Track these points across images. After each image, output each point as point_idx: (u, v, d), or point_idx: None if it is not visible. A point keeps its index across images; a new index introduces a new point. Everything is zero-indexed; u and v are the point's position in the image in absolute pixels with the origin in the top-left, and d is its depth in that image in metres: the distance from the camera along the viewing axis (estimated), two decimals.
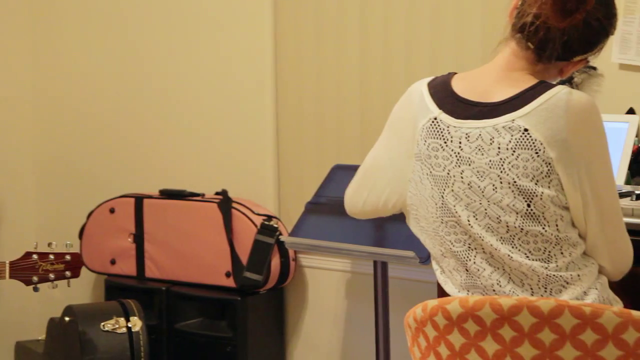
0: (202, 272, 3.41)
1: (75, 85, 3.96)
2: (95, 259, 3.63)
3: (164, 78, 3.72)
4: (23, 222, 4.02)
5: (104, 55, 3.86)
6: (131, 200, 3.57)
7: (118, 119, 3.85)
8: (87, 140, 3.93)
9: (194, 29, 3.63)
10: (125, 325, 3.16)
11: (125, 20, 3.80)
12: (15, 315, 3.90)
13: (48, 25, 4.00)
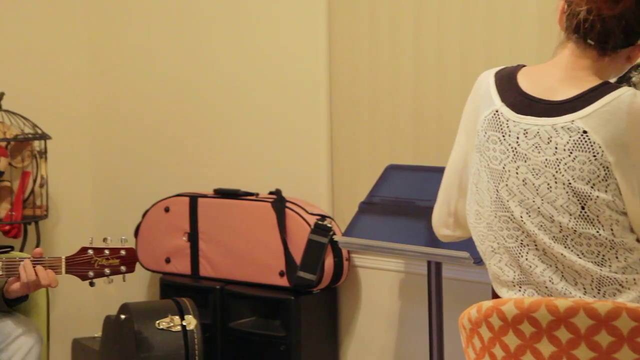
0: (256, 271, 3.42)
1: (132, 84, 4.00)
2: (150, 257, 3.67)
3: (220, 78, 3.74)
4: (80, 221, 4.07)
5: (160, 55, 3.90)
6: (186, 199, 3.60)
7: (174, 118, 3.88)
8: (143, 139, 3.97)
9: (249, 29, 3.64)
10: (180, 323, 3.18)
11: (181, 20, 3.83)
12: (72, 313, 3.95)
13: (105, 24, 4.05)
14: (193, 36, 3.80)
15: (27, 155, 3.68)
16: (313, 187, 3.50)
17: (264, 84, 3.61)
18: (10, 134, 3.59)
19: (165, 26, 3.88)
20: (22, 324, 2.69)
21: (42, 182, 3.71)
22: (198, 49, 3.79)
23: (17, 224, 3.69)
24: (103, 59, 4.06)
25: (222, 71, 3.72)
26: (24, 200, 3.69)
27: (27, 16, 3.90)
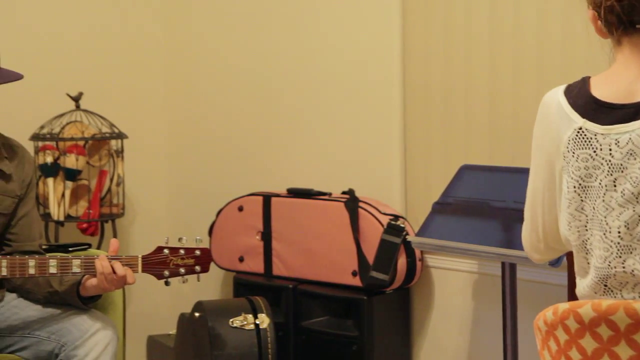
0: (329, 270, 3.43)
1: (207, 85, 4.03)
2: (224, 256, 3.69)
3: (294, 78, 3.75)
4: (155, 219, 4.13)
5: (235, 55, 3.93)
6: (259, 198, 3.62)
7: (249, 118, 3.90)
8: (218, 139, 4.00)
9: (322, 28, 3.65)
10: (253, 322, 3.20)
11: (254, 21, 3.85)
12: (147, 310, 4.00)
13: (181, 24, 4.09)
14: (266, 36, 3.82)
15: (104, 154, 3.73)
16: (386, 187, 3.49)
17: (338, 84, 3.61)
18: (88, 133, 3.65)
19: (239, 26, 3.91)
20: (99, 320, 2.73)
21: (118, 181, 3.76)
22: (271, 48, 3.81)
23: (95, 222, 3.75)
24: (179, 60, 4.11)
25: (296, 71, 3.74)
26: (101, 198, 3.75)
27: (104, 18, 3.96)
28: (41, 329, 2.75)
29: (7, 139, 2.86)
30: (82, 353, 2.68)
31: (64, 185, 3.65)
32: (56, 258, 2.64)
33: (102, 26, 3.95)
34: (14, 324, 2.78)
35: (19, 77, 2.71)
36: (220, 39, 3.97)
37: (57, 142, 3.63)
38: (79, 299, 2.72)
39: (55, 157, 3.63)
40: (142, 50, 4.07)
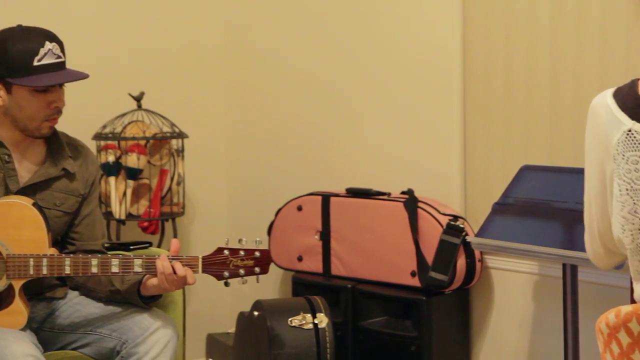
0: (388, 270, 3.42)
1: (266, 85, 4.05)
2: (283, 255, 3.71)
3: (352, 77, 3.75)
4: (214, 218, 4.15)
5: (294, 55, 3.94)
6: (318, 198, 3.62)
7: (306, 117, 3.91)
8: (277, 138, 4.02)
9: (382, 27, 3.64)
10: (311, 321, 3.21)
11: (314, 20, 3.86)
12: (207, 309, 4.03)
13: (241, 25, 4.12)
14: (325, 36, 3.82)
15: (165, 154, 3.77)
16: (445, 187, 3.47)
17: (397, 83, 3.60)
18: (149, 132, 3.68)
19: (298, 27, 3.92)
20: (160, 318, 2.75)
21: (179, 180, 3.80)
22: (330, 48, 3.81)
23: (155, 221, 3.78)
24: (239, 60, 4.13)
25: (356, 71, 3.73)
26: (161, 197, 3.79)
27: (167, 19, 4.00)
28: (103, 326, 2.78)
29: (72, 139, 2.91)
30: (143, 350, 2.70)
31: (125, 184, 3.70)
32: (118, 257, 2.66)
33: (164, 27, 3.99)
34: (76, 321, 2.82)
35: (85, 76, 2.74)
36: (280, 40, 3.98)
37: (119, 142, 3.68)
38: (139, 299, 2.74)
39: (117, 156, 3.67)
40: (203, 50, 4.10)
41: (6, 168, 2.73)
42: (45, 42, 2.68)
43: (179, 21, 4.03)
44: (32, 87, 2.67)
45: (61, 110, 2.75)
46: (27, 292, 2.71)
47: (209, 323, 4.00)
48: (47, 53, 2.68)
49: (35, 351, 2.57)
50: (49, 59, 2.68)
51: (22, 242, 2.64)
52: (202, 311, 4.01)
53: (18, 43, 2.67)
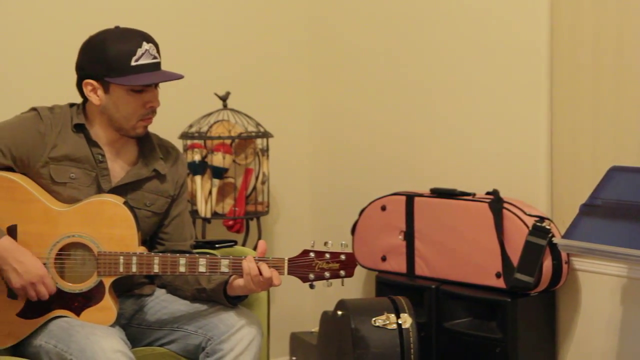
0: (472, 271, 3.40)
1: (350, 84, 4.06)
2: (366, 255, 3.71)
3: (436, 76, 3.73)
4: (298, 217, 4.18)
5: (378, 54, 3.93)
6: (402, 198, 3.61)
7: (391, 117, 3.90)
8: (361, 138, 4.02)
9: (467, 26, 3.62)
10: (395, 321, 3.20)
11: (397, 20, 3.85)
12: (291, 308, 4.05)
13: (324, 25, 4.13)
14: (410, 35, 3.81)
15: (250, 153, 3.80)
16: (531, 188, 3.43)
17: (482, 82, 3.58)
18: (234, 132, 3.72)
19: (382, 26, 3.92)
20: (245, 316, 2.78)
21: (263, 179, 3.82)
22: (414, 47, 3.80)
23: (240, 220, 3.82)
24: (323, 60, 4.14)
25: (439, 69, 3.72)
26: (246, 196, 3.82)
27: (251, 19, 4.03)
28: (189, 323, 2.81)
29: (163, 140, 2.95)
30: (228, 347, 2.73)
31: (211, 183, 3.74)
32: (206, 257, 2.70)
33: (249, 27, 4.02)
34: (163, 318, 2.86)
35: (180, 77, 2.78)
36: (364, 39, 3.98)
37: (205, 141, 3.72)
38: (225, 298, 2.77)
39: (203, 155, 3.71)
40: (288, 50, 4.12)
41: (99, 167, 2.79)
42: (142, 42, 2.73)
43: (264, 21, 4.06)
44: (129, 86, 2.72)
45: (156, 110, 2.80)
46: (116, 289, 2.76)
47: (293, 322, 4.02)
48: (144, 53, 2.72)
49: (124, 347, 2.61)
50: (145, 60, 2.73)
51: (112, 240, 2.69)
52: (286, 310, 4.03)
53: (116, 43, 2.71)
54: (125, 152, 2.85)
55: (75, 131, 2.78)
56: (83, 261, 2.71)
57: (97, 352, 2.53)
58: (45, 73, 3.48)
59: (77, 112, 2.81)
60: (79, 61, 2.78)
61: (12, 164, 2.73)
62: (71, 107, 2.83)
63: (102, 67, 2.72)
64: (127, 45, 2.71)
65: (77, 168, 2.77)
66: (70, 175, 2.76)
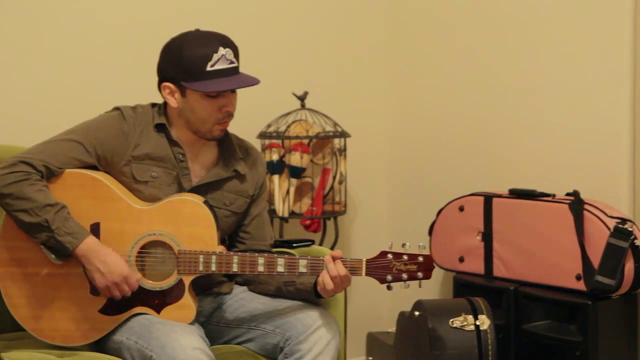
0: (551, 273, 3.36)
1: (426, 84, 4.04)
2: (444, 256, 3.69)
3: (515, 75, 3.70)
4: (375, 217, 4.17)
5: (456, 54, 3.91)
6: (480, 199, 3.59)
7: (469, 117, 3.88)
8: (439, 138, 4.00)
9: (546, 25, 3.58)
10: (473, 322, 3.18)
11: (479, 18, 3.82)
12: (368, 308, 4.05)
13: (402, 25, 4.12)
14: (487, 33, 3.78)
15: (327, 153, 3.81)
16: (613, 189, 3.38)
17: (563, 81, 3.53)
18: (312, 131, 3.73)
19: (461, 24, 3.89)
20: (322, 316, 2.78)
21: (341, 179, 3.83)
22: (493, 46, 3.77)
23: (317, 219, 3.83)
24: (401, 60, 4.13)
25: (518, 68, 3.68)
26: (323, 196, 3.83)
27: (329, 19, 4.04)
28: (267, 322, 2.83)
29: (242, 141, 2.97)
30: (306, 348, 2.74)
31: (288, 183, 3.75)
32: (284, 257, 2.71)
33: (328, 27, 4.03)
34: (241, 316, 2.88)
35: (256, 82, 2.78)
36: (442, 38, 3.96)
37: (283, 140, 3.73)
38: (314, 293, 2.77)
39: (281, 154, 3.73)
40: (365, 50, 4.12)
41: (180, 167, 2.82)
42: (219, 47, 2.73)
43: (342, 21, 4.06)
44: (203, 92, 2.74)
45: (232, 114, 2.81)
46: (195, 287, 2.79)
47: (370, 322, 4.02)
48: (220, 59, 2.73)
49: (203, 344, 2.64)
50: (221, 65, 2.74)
51: (192, 239, 2.72)
52: (362, 310, 4.03)
53: (193, 48, 2.73)
54: (206, 153, 2.87)
55: (157, 131, 2.82)
56: (163, 259, 2.74)
57: (177, 349, 2.56)
58: (129, 73, 3.53)
59: (158, 113, 2.84)
60: (159, 64, 2.81)
61: (96, 163, 2.78)
62: (153, 107, 2.86)
63: (179, 71, 2.74)
64: (203, 49, 2.72)
65: (159, 167, 2.80)
66: (151, 174, 2.79)
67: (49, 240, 2.65)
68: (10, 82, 3.38)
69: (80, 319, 2.73)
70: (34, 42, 3.41)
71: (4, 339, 2.87)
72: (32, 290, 2.73)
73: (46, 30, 3.43)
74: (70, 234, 2.64)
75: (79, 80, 3.49)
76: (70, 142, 2.75)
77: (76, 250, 2.65)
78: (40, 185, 2.67)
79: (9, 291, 2.73)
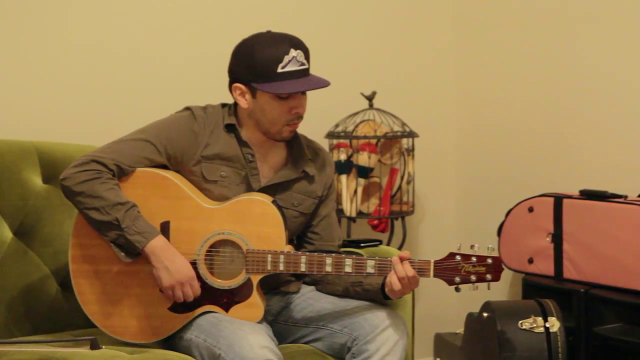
0: (624, 276, 3.30)
1: (497, 84, 4.01)
2: (512, 257, 3.65)
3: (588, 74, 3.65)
4: (443, 218, 4.15)
5: (527, 50, 3.88)
6: (550, 199, 3.55)
7: (538, 117, 3.84)
8: (508, 139, 3.97)
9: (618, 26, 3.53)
10: (543, 325, 3.15)
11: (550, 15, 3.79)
12: (435, 309, 4.03)
13: (471, 25, 4.09)
14: (559, 32, 3.74)
15: (395, 153, 3.80)
16: None
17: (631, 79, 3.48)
18: (380, 131, 3.72)
19: (531, 22, 3.86)
20: (390, 316, 2.77)
21: (409, 179, 3.82)
22: (565, 45, 3.72)
23: (385, 219, 3.82)
24: (469, 59, 4.11)
25: (592, 67, 3.63)
26: (391, 196, 3.82)
27: (397, 19, 4.03)
28: (334, 322, 2.82)
29: (311, 142, 2.97)
30: (373, 348, 2.73)
31: (356, 182, 3.75)
32: (352, 258, 2.71)
33: (395, 27, 4.02)
34: (308, 316, 2.89)
35: (326, 85, 2.78)
36: (512, 37, 3.93)
37: (351, 140, 3.74)
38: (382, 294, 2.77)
39: (349, 154, 3.73)
40: (433, 50, 4.11)
41: (249, 167, 2.84)
42: (290, 49, 2.74)
43: (410, 21, 4.06)
44: (274, 93, 2.75)
45: (302, 116, 2.81)
46: (263, 286, 2.80)
47: (437, 322, 4.00)
48: (290, 60, 2.74)
49: (271, 343, 2.65)
50: (292, 67, 2.74)
51: (260, 238, 2.73)
52: (430, 311, 4.01)
53: (264, 50, 2.74)
54: (275, 153, 2.88)
55: (227, 131, 2.84)
56: (232, 258, 2.76)
57: (245, 348, 2.57)
58: (201, 74, 3.57)
59: (228, 113, 2.86)
60: (230, 64, 2.82)
61: (167, 162, 2.80)
62: (223, 107, 2.88)
63: (250, 73, 2.75)
64: (274, 51, 2.73)
65: (228, 167, 2.82)
66: (221, 174, 2.82)
67: (118, 238, 2.68)
68: (84, 83, 3.43)
69: (149, 317, 2.76)
70: (108, 44, 3.46)
71: (77, 336, 2.92)
72: (103, 288, 2.77)
73: (121, 31, 3.48)
74: (140, 233, 2.67)
75: (150, 81, 3.53)
76: (141, 141, 2.78)
77: (145, 248, 2.68)
78: (112, 183, 2.70)
79: (81, 288, 2.77)
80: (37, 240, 3.06)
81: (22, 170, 3.06)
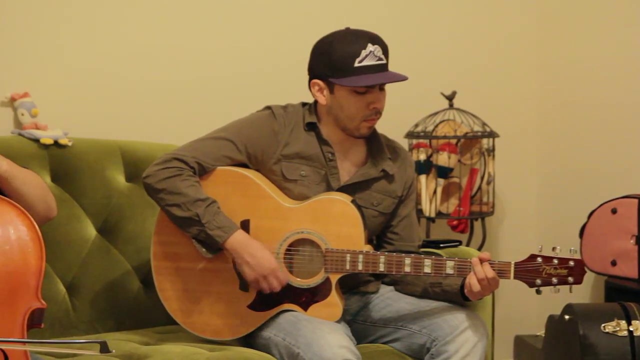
0: None
1: (579, 85, 3.96)
2: (595, 259, 3.60)
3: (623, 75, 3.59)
4: (524, 219, 4.11)
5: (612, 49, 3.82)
6: (634, 201, 3.49)
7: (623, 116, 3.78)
8: (590, 138, 3.91)
9: None
10: (626, 328, 3.10)
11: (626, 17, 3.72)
12: (515, 311, 3.99)
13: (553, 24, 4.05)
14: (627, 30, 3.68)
15: (475, 153, 3.77)
16: None
17: None
18: (460, 131, 3.70)
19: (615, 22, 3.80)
20: (470, 318, 2.76)
21: (489, 180, 3.78)
22: None
23: (465, 220, 3.80)
24: (551, 59, 4.06)
25: None
26: (471, 196, 3.79)
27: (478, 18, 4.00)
28: (413, 322, 2.82)
29: (391, 141, 2.97)
30: (453, 349, 2.72)
31: (435, 183, 3.74)
32: (431, 258, 2.70)
33: (476, 26, 4.00)
34: (387, 316, 2.88)
35: (403, 79, 2.79)
36: (596, 36, 3.87)
37: (430, 140, 3.72)
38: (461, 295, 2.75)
39: (428, 154, 3.72)
40: (514, 49, 4.06)
41: (329, 166, 2.84)
42: (367, 44, 2.75)
43: (490, 20, 4.02)
44: (350, 87, 2.75)
45: (380, 111, 2.81)
46: (342, 286, 2.80)
47: (517, 324, 3.96)
48: (368, 55, 2.75)
49: (349, 343, 2.65)
50: (369, 61, 2.75)
51: (339, 238, 2.73)
52: (510, 312, 3.97)
53: (342, 45, 2.75)
54: (354, 152, 2.89)
55: (307, 130, 2.85)
56: (311, 257, 2.77)
57: (324, 347, 2.58)
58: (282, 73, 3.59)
59: (309, 112, 2.87)
60: (309, 62, 2.84)
61: (247, 161, 2.83)
62: (303, 106, 2.90)
63: (328, 68, 2.76)
64: (352, 46, 2.74)
65: (308, 166, 2.83)
66: (300, 173, 2.83)
67: (199, 234, 2.71)
68: (166, 83, 3.48)
69: (229, 314, 2.78)
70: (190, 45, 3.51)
71: (159, 332, 2.96)
72: (184, 285, 2.80)
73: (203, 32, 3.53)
74: (220, 228, 2.70)
75: (230, 80, 3.56)
76: (221, 140, 2.81)
77: (226, 243, 2.70)
78: (192, 181, 2.73)
79: (162, 285, 2.81)
80: (120, 237, 3.11)
81: (105, 169, 3.12)
